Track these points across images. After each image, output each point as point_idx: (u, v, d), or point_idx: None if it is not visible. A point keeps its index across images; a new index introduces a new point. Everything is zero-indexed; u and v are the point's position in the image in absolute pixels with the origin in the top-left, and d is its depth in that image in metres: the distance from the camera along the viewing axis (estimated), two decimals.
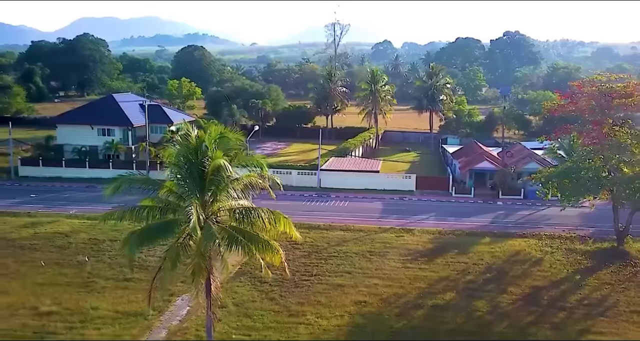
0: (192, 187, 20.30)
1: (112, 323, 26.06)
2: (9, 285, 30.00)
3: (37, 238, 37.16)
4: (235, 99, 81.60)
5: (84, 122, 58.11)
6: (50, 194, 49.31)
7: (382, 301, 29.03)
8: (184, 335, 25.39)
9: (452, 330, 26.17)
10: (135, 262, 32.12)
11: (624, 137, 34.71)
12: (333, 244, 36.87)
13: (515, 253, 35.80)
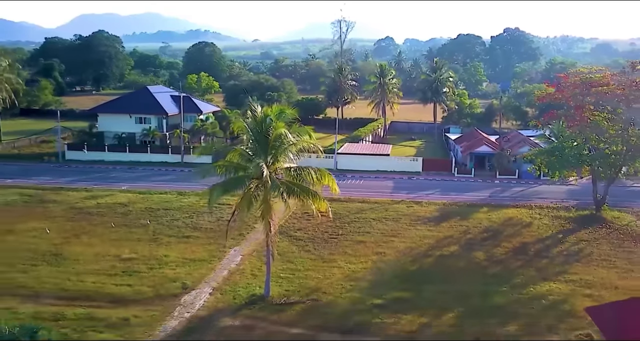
0: (258, 151, 26.61)
1: (183, 266, 32.44)
2: (90, 240, 36.40)
3: (100, 207, 43.59)
4: (252, 92, 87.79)
5: (122, 111, 64.57)
6: (98, 174, 55.65)
7: (398, 253, 35.39)
8: (242, 273, 31.74)
9: (454, 272, 32.49)
10: (193, 224, 38.82)
11: (602, 120, 40.99)
12: (353, 212, 43.18)
13: (509, 219, 42.14)
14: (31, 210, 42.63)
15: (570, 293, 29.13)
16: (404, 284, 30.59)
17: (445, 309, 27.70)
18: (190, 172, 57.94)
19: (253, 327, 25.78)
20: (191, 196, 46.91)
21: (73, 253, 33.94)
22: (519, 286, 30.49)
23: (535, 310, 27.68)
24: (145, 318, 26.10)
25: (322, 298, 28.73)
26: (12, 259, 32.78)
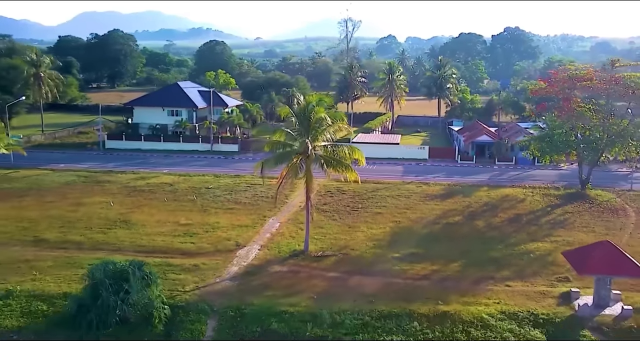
0: (302, 131, 33.03)
1: (232, 230, 38.88)
2: (150, 211, 42.91)
3: (150, 186, 50.08)
4: (268, 88, 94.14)
5: (156, 104, 71.13)
6: (138, 160, 62.13)
7: (411, 221, 41.86)
8: (282, 235, 38.20)
9: (458, 235, 38.92)
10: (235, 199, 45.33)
11: (586, 111, 47.34)
12: (370, 191, 49.59)
13: (505, 196, 48.54)
14: (91, 188, 49.20)
15: (553, 250, 35.48)
16: (417, 243, 37.04)
17: (451, 260, 34.15)
18: (220, 158, 64.73)
19: (298, 271, 32.25)
20: (226, 178, 53.40)
21: (138, 220, 40.46)
22: (512, 245, 36.96)
23: (524, 261, 34.13)
24: (212, 265, 32.59)
25: (351, 253, 35.20)
26: (90, 224, 39.35)
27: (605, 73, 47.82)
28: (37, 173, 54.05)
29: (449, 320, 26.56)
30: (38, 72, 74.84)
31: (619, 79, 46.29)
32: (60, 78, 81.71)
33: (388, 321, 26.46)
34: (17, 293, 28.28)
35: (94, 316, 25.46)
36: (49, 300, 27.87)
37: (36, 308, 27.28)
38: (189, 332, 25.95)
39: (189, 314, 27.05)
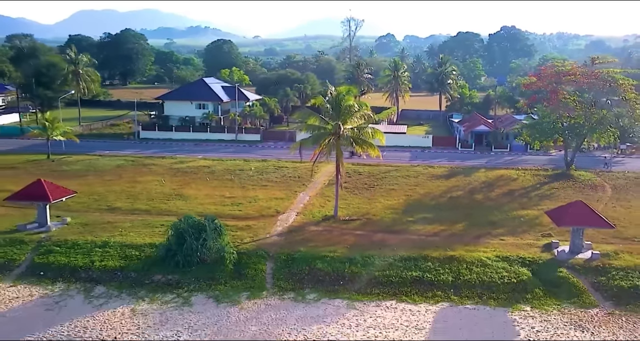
0: (334, 116, 40.24)
1: (270, 201, 46.07)
2: (197, 187, 50.12)
3: (190, 168, 57.30)
4: (280, 84, 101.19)
5: (185, 98, 78.32)
6: (173, 148, 69.19)
7: (420, 195, 49.17)
8: (313, 205, 45.42)
9: (461, 205, 46.20)
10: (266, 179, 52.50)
11: (570, 102, 54.66)
12: (382, 172, 56.84)
13: (501, 176, 55.85)
14: (140, 170, 56.39)
15: (540, 215, 42.65)
16: (427, 211, 44.34)
17: (456, 222, 41.47)
18: (245, 146, 71.85)
19: (331, 230, 39.52)
20: (255, 162, 60.57)
21: (190, 194, 47.68)
22: (506, 211, 44.29)
23: (515, 223, 41.49)
24: (260, 225, 39.85)
25: (373, 218, 42.49)
26: (150, 197, 46.59)
27: (586, 69, 55.18)
28: (88, 158, 61.18)
29: (456, 261, 33.86)
30: (76, 69, 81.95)
31: (598, 74, 53.65)
32: (97, 75, 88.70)
33: (407, 262, 33.74)
34: (111, 243, 35.52)
35: (180, 258, 32.71)
36: (139, 248, 35.11)
37: (130, 253, 34.51)
38: (253, 270, 33.16)
39: (251, 258, 34.30)
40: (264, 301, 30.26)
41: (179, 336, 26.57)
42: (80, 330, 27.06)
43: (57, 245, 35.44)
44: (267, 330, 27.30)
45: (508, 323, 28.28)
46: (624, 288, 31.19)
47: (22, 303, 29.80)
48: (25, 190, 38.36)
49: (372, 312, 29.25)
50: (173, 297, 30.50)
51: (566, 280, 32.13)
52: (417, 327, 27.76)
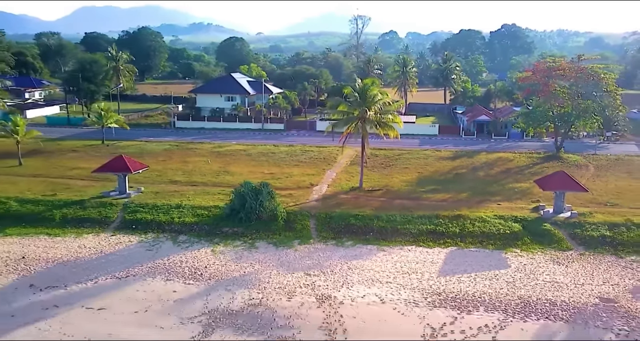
0: (360, 104, 48.60)
1: (303, 176, 54.53)
2: (239, 166, 58.56)
3: (229, 151, 65.78)
4: (296, 79, 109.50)
5: (215, 91, 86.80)
6: (207, 136, 77.63)
7: (430, 172, 57.62)
8: (340, 180, 53.86)
9: (465, 180, 54.61)
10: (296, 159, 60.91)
11: (560, 93, 62.93)
12: (396, 155, 65.25)
13: (499, 158, 64.30)
14: (186, 152, 64.89)
15: (531, 187, 50.91)
16: (436, 184, 52.82)
17: (461, 192, 49.91)
18: (271, 134, 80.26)
19: (358, 198, 47.95)
20: (283, 147, 69.02)
21: (235, 171, 56.20)
22: (503, 184, 52.80)
23: (511, 192, 49.93)
24: (299, 194, 48.30)
25: (391, 189, 50.95)
26: (202, 172, 55.13)
27: (574, 64, 63.50)
28: (137, 143, 69.69)
29: (461, 218, 42.34)
30: (117, 65, 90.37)
31: (584, 69, 62.01)
32: (135, 70, 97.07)
33: (423, 219, 42.20)
34: (184, 205, 44.04)
35: (242, 215, 41.21)
36: (206, 209, 43.63)
37: (200, 213, 43.02)
38: (300, 225, 41.65)
39: (297, 216, 42.78)
40: (312, 246, 38.76)
41: (253, 267, 35.06)
42: (177, 262, 35.58)
43: (140, 206, 44.02)
44: (319, 263, 35.78)
45: (502, 260, 36.76)
46: (593, 236, 39.65)
47: (126, 246, 38.35)
48: (110, 163, 46.91)
49: (397, 253, 37.74)
50: (241, 243, 39.03)
51: (549, 232, 40.60)
52: (432, 262, 36.23)
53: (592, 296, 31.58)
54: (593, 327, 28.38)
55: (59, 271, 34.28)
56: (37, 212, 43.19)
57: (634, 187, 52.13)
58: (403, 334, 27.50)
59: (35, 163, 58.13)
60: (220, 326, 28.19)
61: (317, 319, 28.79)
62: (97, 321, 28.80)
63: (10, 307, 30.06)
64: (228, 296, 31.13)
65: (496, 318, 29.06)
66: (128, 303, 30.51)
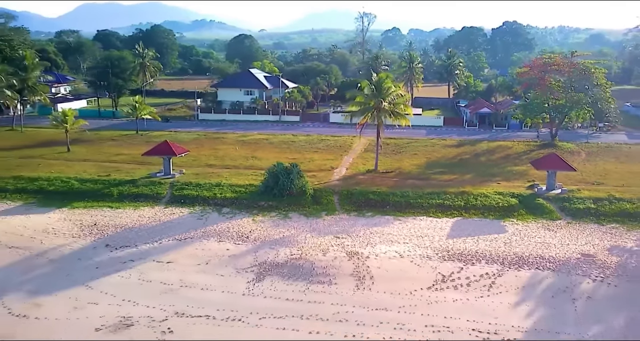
0: (375, 95, 54.85)
1: (323, 161, 60.90)
2: (264, 152, 64.88)
3: (252, 140, 72.15)
4: (308, 75, 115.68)
5: (235, 86, 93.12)
6: (230, 127, 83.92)
7: (437, 157, 63.97)
8: (357, 164, 60.18)
9: (469, 164, 60.92)
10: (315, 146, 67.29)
11: (555, 86, 69.12)
12: (405, 143, 71.54)
13: (499, 145, 70.59)
14: (214, 141, 71.25)
15: (528, 169, 57.22)
16: (443, 167, 59.15)
17: (465, 174, 56.25)
18: (288, 125, 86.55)
19: (374, 178, 54.21)
20: (301, 136, 75.28)
21: (262, 156, 62.58)
22: (502, 167, 59.14)
23: (509, 174, 56.24)
24: (322, 175, 54.66)
25: (403, 171, 57.30)
26: (233, 158, 61.52)
27: (567, 60, 69.69)
28: (167, 134, 76.00)
29: (465, 194, 48.67)
30: (144, 61, 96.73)
31: (576, 65, 68.19)
32: (160, 67, 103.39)
33: (432, 194, 48.53)
34: (223, 183, 50.44)
35: (276, 191, 47.60)
36: (243, 186, 50.04)
37: (238, 189, 49.44)
38: (326, 200, 48.01)
39: (322, 193, 49.16)
40: (337, 216, 45.16)
41: (289, 232, 41.47)
42: (225, 228, 42.02)
43: (185, 185, 50.46)
44: (345, 229, 42.17)
45: (500, 227, 43.11)
46: (580, 208, 45.97)
47: (179, 216, 44.80)
48: (157, 147, 53.38)
49: (411, 222, 44.12)
50: (276, 214, 45.43)
51: (541, 205, 46.94)
52: (440, 228, 42.61)
53: (575, 252, 37.98)
54: (574, 275, 34.76)
55: (127, 235, 40.76)
56: (96, 189, 49.68)
57: (619, 170, 58.43)
58: (419, 279, 33.91)
59: (81, 150, 64.60)
60: (270, 275, 34.62)
61: (348, 269, 35.23)
62: (167, 270, 35.26)
63: (93, 261, 36.54)
64: (273, 253, 37.58)
65: (495, 269, 35.48)
66: (190, 258, 36.97)
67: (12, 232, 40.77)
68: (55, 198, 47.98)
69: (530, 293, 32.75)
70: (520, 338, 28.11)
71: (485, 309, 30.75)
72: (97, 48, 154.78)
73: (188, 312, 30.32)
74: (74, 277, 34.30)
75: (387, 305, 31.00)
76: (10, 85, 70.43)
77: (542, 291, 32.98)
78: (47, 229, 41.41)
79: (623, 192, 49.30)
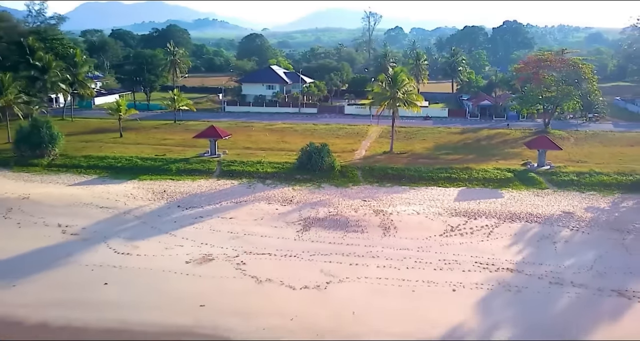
0: (390, 86, 63.86)
1: (345, 144, 69.81)
2: (292, 137, 73.85)
3: (279, 128, 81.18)
4: (321, 71, 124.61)
5: (258, 81, 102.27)
6: (255, 117, 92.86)
7: (443, 142, 72.95)
8: (374, 147, 69.15)
9: (472, 147, 69.86)
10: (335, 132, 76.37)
11: (548, 80, 78.02)
12: (414, 131, 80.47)
13: (499, 132, 79.55)
14: (244, 129, 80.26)
15: (522, 151, 66.15)
16: (449, 149, 68.13)
17: (468, 154, 65.22)
18: (307, 116, 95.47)
19: (391, 157, 63.21)
20: (321, 125, 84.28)
21: (290, 141, 71.57)
22: (501, 149, 68.15)
23: (507, 155, 65.20)
24: (345, 155, 63.61)
25: (415, 152, 66.27)
26: (265, 142, 70.51)
27: (558, 57, 78.62)
28: (201, 122, 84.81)
29: (469, 169, 57.63)
30: (175, 59, 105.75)
31: (566, 61, 77.11)
32: (189, 64, 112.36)
33: (440, 170, 57.49)
34: (263, 161, 59.46)
35: (309, 166, 56.61)
36: (280, 163, 59.06)
37: (276, 166, 58.44)
38: (351, 174, 57.02)
39: (348, 168, 58.16)
40: (362, 186, 54.17)
41: (324, 196, 50.47)
42: (271, 194, 51.03)
43: (231, 162, 59.53)
44: (370, 195, 51.17)
45: (498, 194, 52.07)
46: (564, 180, 54.96)
47: (230, 186, 53.86)
48: (205, 131, 62.49)
49: (423, 190, 53.10)
50: (311, 184, 54.41)
51: (533, 178, 55.91)
52: (449, 195, 51.59)
53: (557, 211, 47.01)
54: (556, 226, 43.77)
55: (192, 199, 49.84)
56: (157, 165, 58.77)
57: (602, 151, 67.39)
58: (433, 229, 42.96)
59: (132, 136, 73.68)
60: (314, 226, 43.66)
61: (376, 221, 44.29)
62: (231, 224, 44.30)
63: (171, 217, 45.60)
64: (314, 211, 46.63)
65: (493, 222, 44.53)
66: (248, 215, 46.03)
67: (99, 196, 49.88)
68: (124, 173, 57.10)
69: (520, 238, 41.79)
70: (511, 267, 37.10)
71: (484, 249, 39.78)
72: (119, 47, 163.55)
73: (254, 251, 39.34)
74: (158, 228, 43.36)
75: (409, 246, 40.03)
76: (64, 80, 79.32)
77: (530, 237, 42.01)
78: (127, 194, 50.53)
79: (602, 167, 58.30)
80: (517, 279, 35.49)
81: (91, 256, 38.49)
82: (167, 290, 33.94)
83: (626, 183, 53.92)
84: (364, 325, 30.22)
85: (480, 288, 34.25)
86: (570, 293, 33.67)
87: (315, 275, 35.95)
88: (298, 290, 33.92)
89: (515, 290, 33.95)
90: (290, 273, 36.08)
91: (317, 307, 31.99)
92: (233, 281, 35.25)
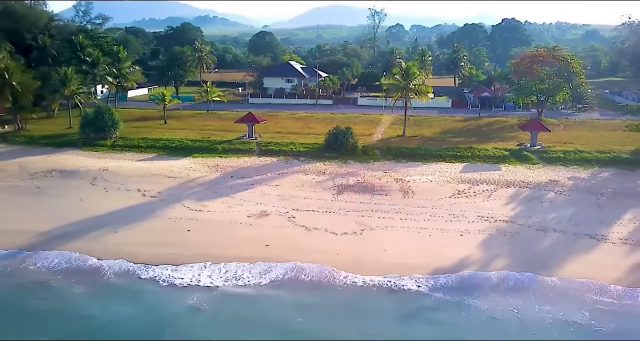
0: (404, 78, 73.72)
1: (362, 129, 79.62)
2: (314, 123, 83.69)
3: (301, 117, 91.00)
4: (333, 66, 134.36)
5: (278, 75, 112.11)
6: (277, 108, 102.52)
7: (448, 128, 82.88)
8: (388, 131, 79.05)
9: (473, 132, 79.73)
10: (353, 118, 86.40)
11: (541, 73, 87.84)
12: (422, 119, 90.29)
13: (497, 120, 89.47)
14: (271, 117, 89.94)
15: (517, 134, 75.98)
16: (454, 133, 78.07)
17: (471, 137, 75.14)
18: (324, 106, 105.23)
19: (404, 140, 73.07)
20: (338, 114, 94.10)
21: (314, 127, 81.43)
22: (499, 134, 78.11)
23: (504, 137, 75.12)
24: (364, 138, 73.40)
25: (425, 136, 76.19)
26: (293, 127, 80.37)
27: (550, 52, 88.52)
28: (230, 112, 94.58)
29: (472, 148, 67.61)
30: (202, 55, 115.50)
31: (557, 56, 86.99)
32: (215, 59, 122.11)
33: (447, 149, 67.43)
34: (295, 142, 69.36)
35: (336, 146, 66.54)
36: (309, 144, 69.00)
37: (307, 146, 68.38)
38: (371, 152, 66.95)
39: (368, 148, 68.10)
40: (382, 162, 64.11)
41: (351, 170, 60.38)
42: (306, 168, 60.95)
43: (267, 143, 69.50)
44: (389, 168, 61.12)
45: (496, 168, 62.05)
46: (552, 157, 64.96)
47: (270, 162, 63.78)
48: (245, 117, 72.46)
49: (433, 165, 63.07)
50: (338, 161, 64.33)
51: (526, 155, 65.89)
52: (455, 168, 61.55)
53: (545, 179, 57.04)
54: (543, 190, 53.77)
55: (241, 171, 59.78)
56: (205, 146, 68.70)
57: (587, 135, 77.34)
58: (443, 193, 52.96)
59: (175, 123, 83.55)
60: (346, 191, 53.62)
61: (396, 187, 54.28)
62: (277, 190, 54.24)
63: (227, 185, 55.55)
64: (344, 180, 56.61)
65: (492, 187, 54.52)
66: (290, 183, 55.99)
67: (165, 169, 59.86)
68: (178, 152, 67.05)
69: (514, 199, 51.81)
70: (506, 219, 47.07)
71: (485, 206, 49.80)
72: (139, 43, 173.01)
73: (300, 209, 49.31)
74: (219, 192, 53.31)
75: (424, 205, 50.03)
76: (110, 73, 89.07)
77: (522, 198, 52.03)
78: (187, 167, 60.49)
79: (585, 147, 68.32)
80: (511, 227, 45.48)
81: (171, 211, 48.41)
82: (238, 235, 43.84)
83: (604, 159, 63.95)
84: (394, 257, 40.17)
85: (482, 234, 44.24)
86: (552, 236, 43.69)
87: (352, 225, 45.90)
88: (340, 235, 43.86)
89: (509, 235, 43.93)
90: (331, 223, 45.99)
91: (356, 246, 41.94)
92: (287, 229, 45.17)
